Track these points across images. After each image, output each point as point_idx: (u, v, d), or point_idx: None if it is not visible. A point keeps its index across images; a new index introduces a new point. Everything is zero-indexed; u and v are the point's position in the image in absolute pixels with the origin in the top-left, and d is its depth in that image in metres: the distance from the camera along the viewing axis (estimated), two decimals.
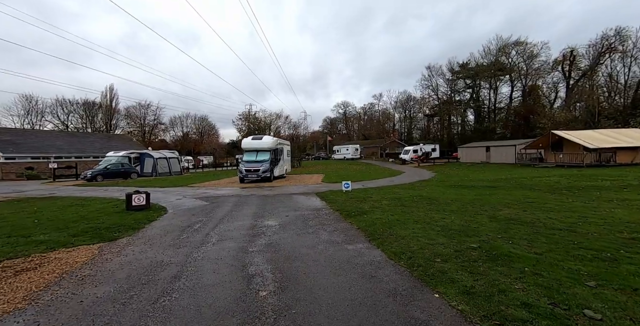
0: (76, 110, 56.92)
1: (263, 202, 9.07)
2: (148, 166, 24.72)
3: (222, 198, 9.84)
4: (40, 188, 15.27)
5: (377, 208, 7.29)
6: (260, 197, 10.13)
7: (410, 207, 7.30)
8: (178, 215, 6.98)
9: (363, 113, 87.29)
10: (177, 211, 7.52)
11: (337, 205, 7.97)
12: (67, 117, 56.09)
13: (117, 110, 60.81)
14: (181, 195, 10.83)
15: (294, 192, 11.75)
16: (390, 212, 6.72)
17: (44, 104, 52.48)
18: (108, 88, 58.15)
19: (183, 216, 6.79)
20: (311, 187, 13.37)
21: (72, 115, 56.94)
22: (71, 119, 56.81)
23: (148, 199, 7.36)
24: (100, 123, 59.60)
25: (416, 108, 66.37)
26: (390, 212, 6.72)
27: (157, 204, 8.55)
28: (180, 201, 9.43)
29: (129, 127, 63.95)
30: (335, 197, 9.48)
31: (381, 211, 6.81)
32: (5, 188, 15.07)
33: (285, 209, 7.67)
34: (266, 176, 16.13)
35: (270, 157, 16.81)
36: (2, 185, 17.61)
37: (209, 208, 7.85)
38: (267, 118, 36.08)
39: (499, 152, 28.20)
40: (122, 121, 62.84)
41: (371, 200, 8.55)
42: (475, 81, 46.24)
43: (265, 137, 17.75)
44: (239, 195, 10.91)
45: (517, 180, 13.19)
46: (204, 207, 8.16)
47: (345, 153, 51.35)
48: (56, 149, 32.40)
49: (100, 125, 59.33)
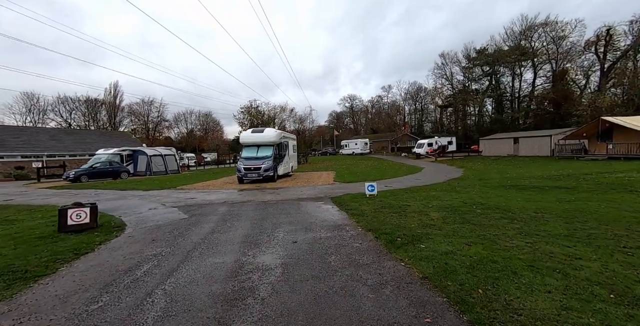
0: (78, 107, 55.64)
1: (261, 213, 6.68)
2: (142, 164, 22.67)
3: (209, 208, 7.49)
4: (6, 192, 13.23)
5: (431, 226, 4.82)
6: (258, 205, 7.75)
7: (482, 225, 4.79)
8: (132, 240, 4.64)
9: (371, 107, 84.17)
10: (136, 232, 5.19)
11: (365, 220, 5.53)
12: (69, 115, 54.89)
13: (121, 107, 59.42)
14: (160, 203, 8.53)
15: (303, 195, 9.35)
16: (458, 235, 4.24)
17: (46, 102, 51.19)
18: (112, 85, 56.55)
19: (137, 243, 4.45)
20: (323, 189, 10.94)
21: (75, 112, 55.72)
22: (74, 117, 55.62)
23: (94, 215, 5.04)
24: (104, 121, 58.34)
25: (428, 100, 62.95)
26: (458, 235, 4.24)
27: (117, 219, 6.24)
28: (153, 212, 7.11)
29: (132, 124, 62.67)
30: (359, 205, 7.03)
31: (443, 234, 4.33)
32: None
33: (292, 228, 5.27)
34: (269, 175, 13.75)
35: (273, 152, 14.41)
36: None
37: (183, 226, 5.50)
38: (271, 111, 33.58)
39: (529, 143, 25.20)
40: (126, 118, 61.55)
41: (412, 211, 6.07)
42: (494, 68, 42.64)
43: (268, 129, 15.33)
44: (232, 201, 8.56)
45: (584, 176, 10.49)
46: (178, 223, 5.81)
47: (354, 148, 48.71)
48: (49, 147, 30.71)
49: (103, 122, 58.06)
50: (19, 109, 48.17)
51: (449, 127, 52.90)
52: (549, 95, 34.80)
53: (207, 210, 7.18)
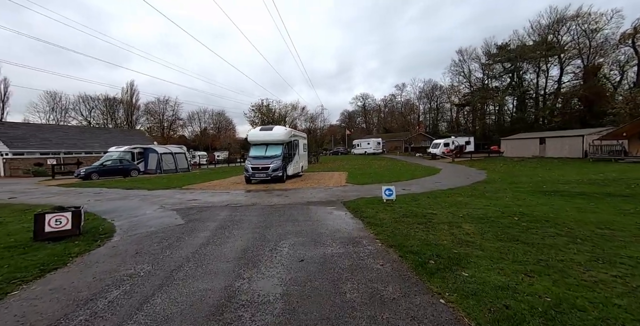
0: (98, 106, 57.40)
1: (265, 220, 5.94)
2: (152, 162, 22.61)
3: (210, 212, 6.83)
4: (15, 189, 13.19)
5: (468, 244, 3.92)
6: (263, 210, 7.03)
7: (535, 245, 3.82)
8: (113, 252, 4.01)
9: (384, 106, 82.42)
10: (123, 241, 4.56)
11: (385, 232, 4.68)
12: (89, 113, 56.72)
13: (137, 106, 60.89)
14: (160, 205, 7.98)
15: (313, 199, 8.57)
16: (509, 258, 3.33)
17: (68, 101, 53.06)
18: (128, 84, 57.98)
19: (118, 257, 3.80)
20: (335, 191, 10.12)
21: (94, 111, 57.51)
22: (93, 115, 57.41)
23: (77, 220, 4.45)
24: (122, 119, 59.93)
25: (443, 98, 60.82)
26: (509, 258, 3.33)
27: (108, 224, 5.67)
28: (149, 216, 6.52)
29: (148, 123, 64.12)
30: (376, 212, 6.17)
31: (487, 256, 3.43)
32: None
33: (299, 240, 4.49)
34: (277, 175, 13.06)
35: (282, 151, 13.72)
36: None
37: (176, 235, 4.84)
38: (282, 109, 33.01)
39: (558, 144, 23.36)
40: (142, 117, 63.05)
41: (440, 222, 5.16)
42: (517, 64, 40.33)
43: (277, 127, 14.65)
44: (236, 204, 7.89)
45: (636, 182, 9.15)
46: (172, 230, 5.16)
47: (366, 148, 47.54)
48: (67, 145, 31.44)
49: (121, 120, 59.66)
50: (43, 108, 50.09)
51: (466, 127, 50.75)
52: (579, 93, 32.40)
53: (207, 214, 6.52)
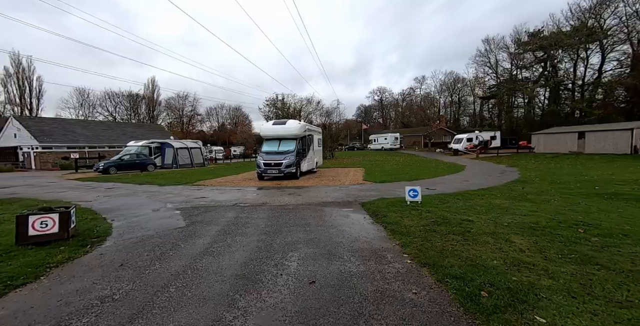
0: (122, 102, 59.55)
1: (274, 224, 5.28)
2: (169, 157, 22.77)
3: (215, 213, 6.28)
4: (35, 182, 13.45)
5: (527, 266, 3.02)
6: (273, 211, 6.38)
7: (626, 272, 2.87)
8: (97, 263, 3.48)
9: (401, 100, 79.71)
10: (113, 247, 4.06)
11: (414, 244, 3.87)
12: (114, 109, 58.99)
13: (158, 102, 62.60)
14: (166, 203, 7.56)
15: (328, 198, 7.84)
16: (598, 294, 2.41)
17: (95, 97, 55.40)
18: (150, 80, 59.58)
19: (99, 269, 3.27)
20: (351, 190, 9.33)
21: (119, 106, 59.74)
22: (118, 111, 59.68)
23: (65, 222, 3.98)
24: (144, 114, 61.91)
25: (466, 91, 57.67)
26: (598, 294, 2.41)
27: (105, 225, 5.23)
28: (150, 216, 6.07)
29: (168, 118, 65.93)
30: (400, 217, 5.34)
31: (562, 288, 2.54)
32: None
33: (310, 251, 3.78)
34: (291, 172, 12.43)
35: (296, 147, 13.04)
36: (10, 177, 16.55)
37: (172, 241, 4.28)
38: (297, 103, 32.29)
39: (600, 138, 21.07)
40: (162, 112, 64.87)
41: (481, 232, 4.26)
42: (550, 53, 37.00)
43: (291, 121, 13.96)
44: (244, 204, 7.31)
45: None
46: (169, 235, 4.62)
47: (383, 143, 46.04)
48: (91, 139, 32.60)
49: (143, 116, 61.62)
50: (72, 104, 52.57)
51: (490, 121, 47.76)
52: (627, 82, 29.11)
53: (212, 215, 5.96)
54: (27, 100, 43.47)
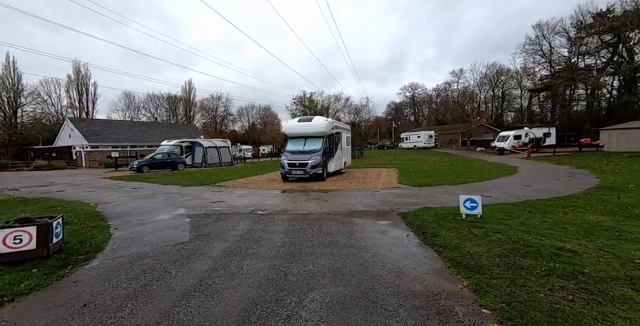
0: (162, 103, 63.54)
1: (293, 242, 4.24)
2: (198, 156, 23.12)
3: (227, 223, 5.43)
4: (73, 181, 14.02)
5: None
6: (293, 223, 5.36)
7: None
8: (59, 301, 2.70)
9: (436, 96, 74.94)
10: (96, 270, 3.33)
11: (495, 290, 2.55)
12: (156, 110, 63.15)
13: (194, 103, 65.80)
14: (179, 207, 6.95)
15: (359, 206, 6.64)
16: None
17: (139, 99, 59.79)
18: (186, 82, 62.73)
19: (57, 309, 2.48)
20: (386, 195, 8.01)
21: (159, 108, 63.86)
22: (159, 112, 63.81)
23: (45, 237, 3.33)
24: (181, 115, 65.51)
25: (511, 84, 52.04)
26: None
27: (102, 236, 4.60)
28: (156, 225, 5.40)
29: (203, 118, 69.08)
30: (459, 239, 3.98)
31: None
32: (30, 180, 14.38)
33: (338, 293, 2.66)
34: (317, 173, 11.40)
35: (323, 145, 11.99)
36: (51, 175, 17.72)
37: (165, 264, 3.44)
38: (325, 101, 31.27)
39: None
40: (198, 113, 68.15)
41: (605, 277, 2.77)
42: (624, 35, 31.47)
43: (317, 117, 12.93)
44: (262, 211, 6.41)
45: None
46: (166, 254, 3.81)
47: (416, 142, 43.22)
48: (132, 138, 34.77)
49: (181, 116, 65.22)
50: (120, 106, 57.18)
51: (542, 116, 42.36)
52: None
53: (223, 226, 5.11)
54: (84, 103, 47.97)
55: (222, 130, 65.95)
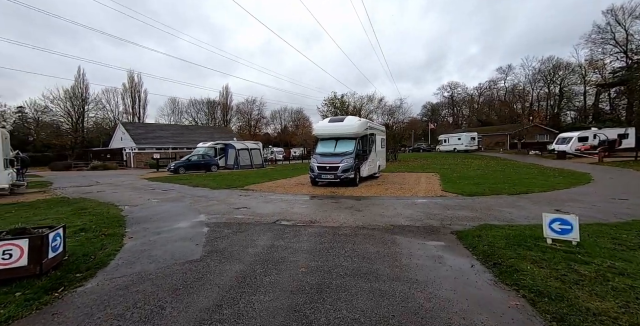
0: (202, 108, 67.58)
1: (320, 268, 3.38)
2: (231, 157, 23.54)
3: (246, 236, 4.76)
4: (112, 181, 14.79)
5: None
6: (321, 239, 4.50)
7: None
8: None
9: (478, 95, 69.17)
10: (89, 294, 2.82)
11: None
12: (196, 114, 67.32)
13: (230, 107, 68.95)
14: (201, 213, 6.52)
15: (399, 219, 5.57)
16: None
17: (182, 104, 64.29)
18: (224, 87, 66.02)
19: None
20: (431, 205, 6.78)
21: (199, 112, 68.00)
22: (199, 116, 67.92)
23: (38, 251, 2.90)
24: (219, 119, 69.00)
25: (572, 79, 45.70)
26: None
27: (114, 247, 4.19)
28: (173, 235, 4.93)
29: (238, 122, 72.06)
30: (560, 282, 2.75)
31: None
32: (82, 180, 15.42)
33: None
34: (348, 177, 10.46)
35: (355, 147, 11.03)
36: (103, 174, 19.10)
37: (164, 292, 2.81)
38: (357, 102, 30.18)
39: None
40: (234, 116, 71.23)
41: None
42: None
43: (349, 117, 12.01)
44: (287, 222, 5.66)
45: None
46: (170, 276, 3.20)
47: (456, 144, 39.87)
48: (174, 140, 37.07)
49: (219, 120, 68.72)
50: (166, 111, 61.93)
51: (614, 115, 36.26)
52: None
53: (241, 240, 4.43)
54: (136, 109, 52.77)
55: (256, 133, 68.01)
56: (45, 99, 41.40)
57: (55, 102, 41.26)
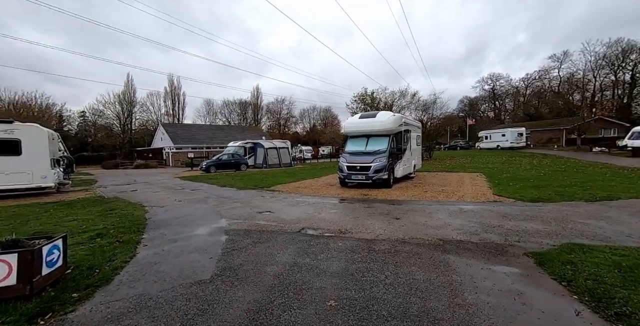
0: (234, 108, 69.99)
1: (355, 297, 2.60)
2: (260, 156, 23.63)
3: (267, 248, 4.14)
4: (149, 180, 15.35)
5: None
6: (354, 255, 3.71)
7: None
8: None
9: (524, 87, 62.33)
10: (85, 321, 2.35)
11: None
12: (229, 115, 69.89)
13: (261, 107, 70.59)
14: (223, 217, 6.09)
15: (449, 231, 4.56)
16: None
17: (216, 105, 67.23)
18: (254, 88, 67.71)
19: None
20: (484, 213, 5.60)
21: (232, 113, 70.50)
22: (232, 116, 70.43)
23: (28, 268, 2.53)
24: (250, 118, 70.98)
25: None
26: None
27: (125, 258, 3.82)
28: (190, 243, 4.49)
29: (268, 121, 73.52)
30: None
31: None
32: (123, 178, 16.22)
33: None
34: (381, 178, 9.50)
35: (389, 145, 10.01)
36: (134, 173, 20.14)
37: (163, 324, 2.24)
38: (389, 97, 28.65)
39: None
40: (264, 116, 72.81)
41: None
42: None
43: (382, 113, 10.97)
44: (313, 231, 4.96)
45: None
46: (170, 304, 2.66)
47: (500, 140, 36.21)
48: (208, 140, 38.64)
49: (250, 120, 70.71)
50: (202, 112, 65.20)
51: None
52: None
53: (260, 254, 3.81)
54: (176, 111, 56.24)
55: (285, 132, 68.74)
56: (98, 103, 45.83)
57: (106, 106, 45.42)
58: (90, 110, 46.81)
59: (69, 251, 3.82)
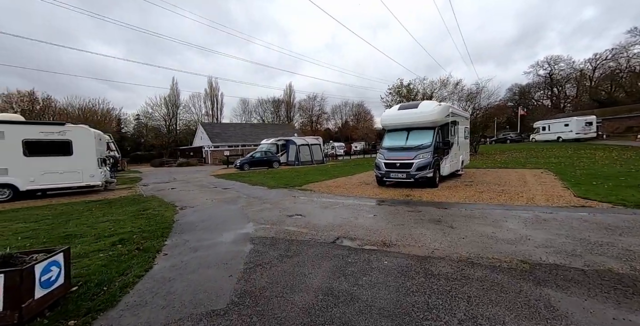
0: (268, 107, 71.53)
1: None
2: (292, 153, 23.39)
3: (296, 265, 3.44)
4: (184, 178, 15.80)
5: None
6: (407, 280, 2.82)
7: None
8: None
9: (592, 69, 53.43)
10: None
11: None
12: (263, 113, 71.62)
13: (293, 104, 71.12)
14: (250, 220, 5.58)
15: (533, 248, 3.41)
16: None
17: (251, 105, 69.42)
18: (287, 86, 68.47)
19: None
20: (572, 222, 4.25)
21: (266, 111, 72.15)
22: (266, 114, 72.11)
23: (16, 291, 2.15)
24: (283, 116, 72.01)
25: None
26: None
27: (139, 273, 3.41)
28: (210, 252, 3.99)
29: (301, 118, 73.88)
30: None
31: None
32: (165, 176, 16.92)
33: None
34: (425, 177, 8.31)
35: (434, 139, 8.76)
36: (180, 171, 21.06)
37: None
38: (427, 88, 26.42)
39: None
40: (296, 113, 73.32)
41: None
42: None
43: (425, 102, 9.64)
44: (350, 242, 4.15)
45: None
46: None
47: (562, 131, 31.49)
48: (244, 138, 39.81)
49: (283, 117, 71.76)
50: (238, 111, 67.75)
51: None
52: None
53: (287, 274, 3.12)
54: (215, 111, 59.22)
55: (317, 129, 68.41)
56: (147, 106, 50.01)
57: (154, 108, 49.31)
58: (143, 113, 51.27)
59: (87, 260, 3.56)
